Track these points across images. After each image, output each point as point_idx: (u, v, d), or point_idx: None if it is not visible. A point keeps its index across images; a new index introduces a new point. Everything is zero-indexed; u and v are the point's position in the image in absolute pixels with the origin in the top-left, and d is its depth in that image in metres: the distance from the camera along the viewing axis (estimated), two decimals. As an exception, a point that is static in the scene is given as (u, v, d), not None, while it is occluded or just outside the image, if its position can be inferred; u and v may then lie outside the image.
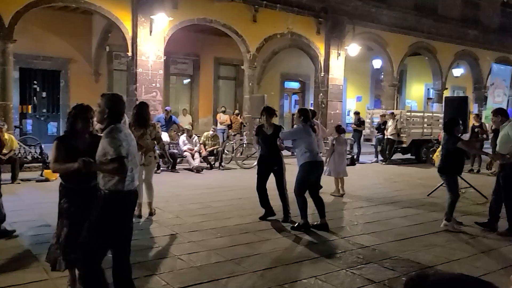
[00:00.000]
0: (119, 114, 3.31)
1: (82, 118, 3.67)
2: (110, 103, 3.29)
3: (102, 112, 3.27)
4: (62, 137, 3.80)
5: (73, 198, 3.65)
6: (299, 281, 4.16)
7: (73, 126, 3.69)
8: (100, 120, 3.33)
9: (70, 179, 3.64)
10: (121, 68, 15.31)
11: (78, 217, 3.54)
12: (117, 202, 3.17)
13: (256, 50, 14.42)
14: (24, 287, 3.84)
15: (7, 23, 10.52)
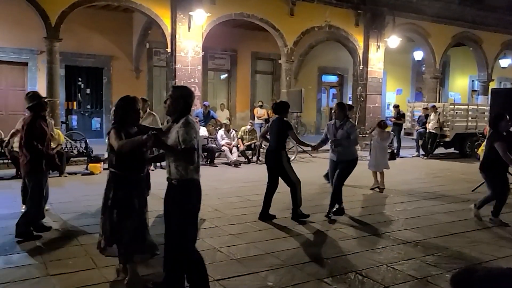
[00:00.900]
0: (190, 106, 3.45)
1: (133, 109, 3.71)
2: (184, 95, 3.42)
3: (176, 103, 3.38)
4: (118, 126, 3.68)
5: (128, 188, 3.65)
6: (339, 276, 4.13)
7: (123, 117, 3.69)
8: (172, 111, 3.42)
9: (128, 168, 3.64)
10: (161, 64, 15.64)
11: (136, 206, 3.63)
12: (194, 189, 3.34)
13: (293, 44, 14.33)
14: (73, 275, 4.00)
15: (54, 23, 10.96)
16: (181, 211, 3.32)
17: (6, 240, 4.94)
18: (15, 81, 14.08)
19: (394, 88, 21.13)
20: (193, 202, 3.37)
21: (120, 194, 3.64)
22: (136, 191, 3.71)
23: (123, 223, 3.63)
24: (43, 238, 5.02)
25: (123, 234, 3.62)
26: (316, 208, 6.41)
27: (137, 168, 3.71)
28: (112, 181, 3.70)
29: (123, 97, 3.84)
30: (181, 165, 3.28)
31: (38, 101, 5.15)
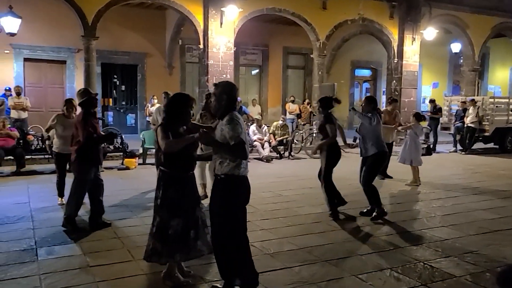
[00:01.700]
0: (235, 102, 3.47)
1: (186, 107, 3.65)
2: (228, 91, 3.44)
3: (220, 99, 3.40)
4: (166, 123, 3.63)
5: (178, 186, 3.60)
6: (374, 272, 4.06)
7: (175, 115, 3.63)
8: (217, 108, 3.44)
9: (178, 166, 3.60)
10: (193, 60, 15.81)
11: (185, 205, 3.60)
12: (240, 184, 3.37)
13: (325, 38, 14.15)
14: (111, 266, 4.12)
15: (90, 22, 11.24)
16: (227, 206, 3.35)
17: (48, 232, 5.13)
18: (54, 79, 14.56)
19: (430, 81, 20.57)
20: (239, 198, 3.39)
21: (170, 193, 3.59)
22: (186, 190, 3.65)
23: (170, 222, 3.58)
24: (82, 231, 5.18)
25: (169, 232, 3.57)
26: (349, 204, 6.33)
27: (186, 166, 3.66)
28: (161, 180, 3.63)
29: (177, 94, 3.81)
30: (227, 161, 3.31)
31: (88, 97, 5.31)
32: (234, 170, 3.32)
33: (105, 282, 3.75)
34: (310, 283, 3.79)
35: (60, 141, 6.37)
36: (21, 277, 3.82)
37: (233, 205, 3.36)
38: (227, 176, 3.32)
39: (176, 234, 3.58)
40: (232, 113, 3.35)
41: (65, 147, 6.35)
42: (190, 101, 3.71)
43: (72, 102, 6.54)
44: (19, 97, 11.49)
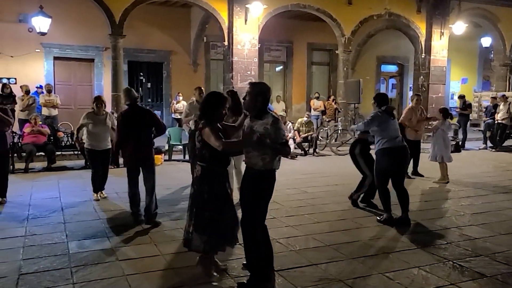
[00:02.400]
0: (268, 102, 3.63)
1: (222, 106, 3.71)
2: (263, 92, 3.57)
3: (255, 100, 3.53)
4: (211, 123, 3.66)
5: (221, 180, 3.73)
6: (401, 270, 4.01)
7: (212, 114, 3.67)
8: (252, 107, 3.57)
9: (221, 163, 3.71)
10: (218, 57, 15.89)
11: (230, 198, 3.78)
12: (273, 178, 3.59)
13: (351, 33, 14.01)
14: (139, 260, 4.19)
15: (118, 20, 11.45)
16: (261, 197, 3.56)
17: (78, 226, 5.26)
18: (83, 76, 14.90)
19: (459, 77, 20.08)
20: (271, 190, 3.63)
21: (217, 188, 3.69)
22: (227, 184, 3.80)
23: (220, 216, 3.67)
24: (110, 226, 5.30)
25: (218, 226, 3.66)
26: (377, 201, 6.26)
27: (226, 161, 3.80)
28: (206, 176, 3.70)
29: (213, 93, 3.86)
30: (268, 157, 3.50)
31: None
32: (274, 165, 3.56)
33: (134, 276, 3.82)
34: (337, 281, 3.78)
35: (92, 138, 6.50)
36: (54, 269, 3.94)
37: (268, 196, 3.61)
38: (267, 170, 3.54)
39: (225, 226, 3.70)
40: (273, 114, 3.56)
41: (96, 144, 6.49)
42: (224, 100, 3.76)
43: (101, 98, 6.68)
44: (49, 95, 11.81)
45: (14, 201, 6.37)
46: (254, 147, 3.52)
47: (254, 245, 3.61)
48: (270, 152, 3.50)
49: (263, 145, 3.45)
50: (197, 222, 3.70)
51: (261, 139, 3.43)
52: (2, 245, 4.54)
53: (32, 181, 7.97)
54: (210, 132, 3.56)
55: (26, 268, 3.96)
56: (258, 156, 3.51)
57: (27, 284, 3.62)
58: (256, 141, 3.44)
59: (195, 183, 3.78)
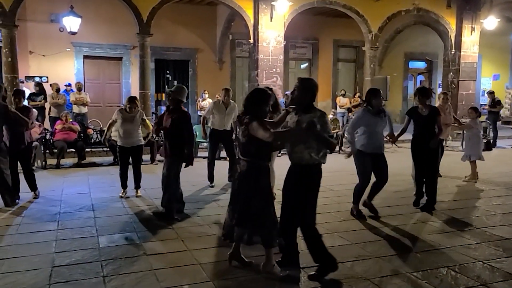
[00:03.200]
0: (315, 97, 3.75)
1: (267, 103, 3.76)
2: (311, 87, 3.70)
3: (304, 94, 3.66)
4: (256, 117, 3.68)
5: (266, 175, 3.79)
6: (429, 270, 3.94)
7: (256, 110, 3.70)
8: (300, 102, 3.70)
9: (266, 157, 3.77)
10: (243, 55, 15.93)
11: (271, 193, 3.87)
12: (318, 173, 3.75)
13: (378, 29, 13.79)
14: (166, 255, 4.27)
15: (145, 19, 11.61)
16: (311, 191, 3.71)
17: (107, 221, 5.39)
18: (111, 75, 15.19)
19: (490, 73, 19.52)
20: (319, 184, 3.77)
21: (263, 182, 3.75)
22: (270, 178, 3.86)
23: (268, 210, 3.73)
24: (138, 221, 5.41)
25: (267, 220, 3.71)
26: (403, 199, 6.17)
27: (270, 156, 3.87)
28: (252, 170, 3.72)
29: (258, 90, 3.92)
30: (313, 150, 3.63)
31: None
32: (320, 158, 3.70)
33: (162, 270, 3.89)
34: (363, 279, 3.75)
35: (121, 135, 6.59)
36: (85, 263, 4.05)
37: (316, 190, 3.76)
38: (314, 165, 3.69)
39: (273, 220, 3.75)
40: (320, 109, 3.71)
41: (125, 141, 6.58)
42: (269, 97, 3.81)
43: (134, 100, 6.69)
44: (80, 93, 12.09)
45: (46, 196, 6.57)
46: (301, 138, 3.61)
47: (314, 238, 3.75)
48: (316, 145, 3.61)
49: (312, 132, 3.52)
50: (242, 216, 3.73)
51: (311, 126, 3.50)
52: (36, 238, 4.70)
53: (63, 177, 8.19)
54: (258, 125, 3.61)
55: (59, 261, 4.08)
56: (304, 149, 3.62)
57: (60, 276, 3.74)
58: (305, 128, 3.51)
59: (239, 178, 3.80)
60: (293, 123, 3.72)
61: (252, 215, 3.70)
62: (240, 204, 3.75)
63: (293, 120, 3.76)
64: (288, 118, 3.85)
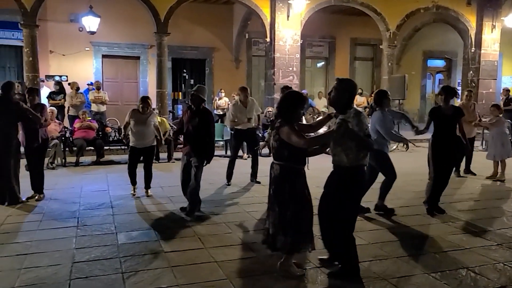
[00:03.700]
0: (354, 98, 3.73)
1: (301, 106, 3.72)
2: (350, 89, 3.66)
3: (341, 95, 3.62)
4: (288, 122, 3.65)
5: (301, 178, 3.74)
6: (448, 271, 3.89)
7: (290, 113, 3.65)
8: (337, 103, 3.65)
9: (299, 160, 3.71)
10: (259, 54, 15.94)
11: (308, 196, 3.76)
12: (361, 174, 3.68)
13: (396, 27, 13.67)
14: (184, 253, 4.30)
15: (163, 18, 11.73)
16: (350, 194, 3.65)
17: (125, 218, 5.46)
18: (129, 74, 15.38)
19: (511, 71, 19.13)
20: (360, 186, 3.72)
21: (298, 187, 3.69)
22: (305, 182, 3.78)
23: (302, 214, 3.69)
24: (156, 219, 5.46)
25: (301, 224, 3.68)
26: (421, 199, 6.10)
27: (304, 159, 3.78)
28: (286, 174, 3.69)
29: (292, 93, 3.86)
30: (351, 152, 3.56)
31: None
32: (360, 160, 3.62)
33: (179, 268, 3.92)
34: (380, 279, 3.72)
35: (133, 135, 6.54)
36: (104, 259, 4.11)
37: (357, 193, 3.75)
38: (354, 167, 3.61)
39: (307, 225, 3.73)
40: (357, 109, 3.66)
41: (137, 142, 6.54)
42: (303, 100, 3.76)
43: (147, 100, 6.68)
44: (98, 92, 12.27)
45: (66, 193, 6.69)
46: (336, 140, 3.55)
47: (347, 243, 3.69)
48: (354, 146, 3.53)
49: (343, 133, 3.46)
50: (279, 222, 3.69)
51: (340, 126, 3.44)
52: (56, 235, 4.79)
53: (82, 174, 8.32)
54: (290, 131, 3.55)
55: (79, 256, 4.15)
56: (341, 151, 3.58)
57: (80, 272, 3.80)
58: (335, 129, 3.46)
59: (274, 183, 3.75)
60: (333, 125, 3.71)
61: (288, 221, 3.65)
62: (278, 209, 3.70)
63: (334, 123, 3.71)
64: (331, 122, 3.81)
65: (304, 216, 3.70)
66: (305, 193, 3.75)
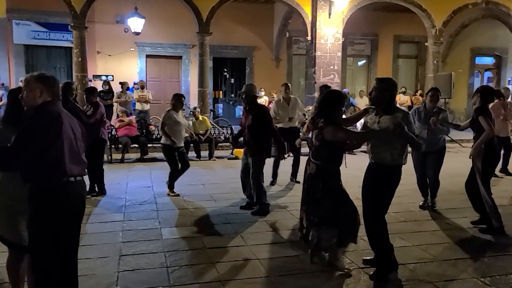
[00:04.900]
0: (395, 97, 3.74)
1: (342, 105, 3.76)
2: (392, 89, 3.66)
3: (382, 95, 3.61)
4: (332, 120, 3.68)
5: (336, 177, 3.79)
6: (498, 276, 3.74)
7: (331, 112, 3.68)
8: (379, 102, 3.66)
9: (336, 161, 3.76)
10: (300, 52, 15.87)
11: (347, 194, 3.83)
12: (397, 174, 3.66)
13: (442, 24, 13.24)
14: (226, 249, 4.36)
15: (205, 18, 11.90)
16: (387, 192, 3.66)
17: (169, 214, 5.60)
18: (171, 73, 15.71)
19: None
20: (396, 185, 3.70)
21: (332, 184, 3.76)
22: (340, 180, 3.82)
23: (336, 211, 3.73)
24: (198, 215, 5.57)
25: (341, 219, 3.73)
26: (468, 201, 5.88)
27: (341, 160, 3.81)
28: (321, 173, 3.74)
29: (332, 92, 3.89)
30: (396, 152, 3.58)
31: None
32: (402, 160, 3.64)
33: (222, 264, 3.98)
34: (426, 282, 3.63)
35: (173, 136, 6.52)
36: (149, 253, 4.24)
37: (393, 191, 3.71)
38: (395, 166, 3.62)
39: (347, 221, 3.76)
40: (402, 109, 3.74)
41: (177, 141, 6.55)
42: (342, 99, 3.79)
43: (181, 98, 6.74)
44: (142, 91, 12.62)
45: (113, 189, 6.92)
46: (386, 139, 3.55)
47: (381, 238, 3.73)
48: (400, 146, 3.56)
49: (401, 134, 3.46)
50: (316, 219, 3.75)
51: (399, 128, 3.44)
52: (105, 228, 4.98)
53: (127, 171, 8.60)
54: (337, 129, 3.61)
55: (125, 250, 4.30)
56: (386, 151, 3.58)
57: (127, 265, 3.94)
58: (394, 130, 3.45)
59: (309, 181, 3.82)
60: (374, 124, 3.69)
61: (322, 218, 3.70)
62: (313, 207, 3.76)
63: (373, 120, 3.71)
64: (368, 118, 3.81)
65: (338, 214, 3.72)
66: (341, 189, 3.79)
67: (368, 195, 3.74)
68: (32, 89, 2.64)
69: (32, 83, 2.65)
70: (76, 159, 2.72)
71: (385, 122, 3.57)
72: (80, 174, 2.75)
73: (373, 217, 3.70)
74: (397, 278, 3.70)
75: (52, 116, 2.61)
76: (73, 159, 2.68)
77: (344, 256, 4.04)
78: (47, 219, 2.60)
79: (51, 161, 2.58)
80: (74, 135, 2.74)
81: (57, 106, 2.71)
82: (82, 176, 2.79)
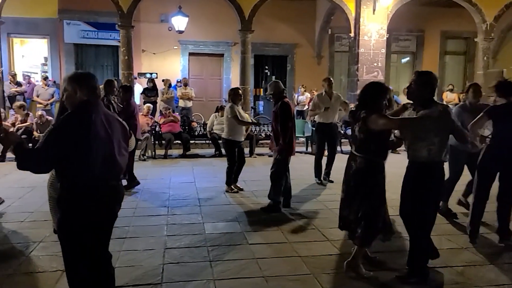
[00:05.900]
0: (435, 91, 3.61)
1: (383, 98, 3.65)
2: (429, 80, 3.56)
3: (422, 89, 3.52)
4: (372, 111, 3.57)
5: (382, 172, 3.72)
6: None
7: (372, 105, 3.61)
8: (417, 96, 3.56)
9: (383, 154, 3.69)
10: (342, 49, 15.63)
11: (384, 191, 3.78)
12: (437, 171, 3.51)
13: (494, 19, 12.63)
14: (268, 246, 4.38)
15: (247, 16, 11.94)
16: (427, 191, 3.50)
17: (211, 209, 5.68)
18: (213, 71, 15.89)
19: None
20: (439, 183, 3.55)
21: (379, 179, 3.69)
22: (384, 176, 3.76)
23: (380, 208, 3.70)
24: (240, 211, 5.61)
25: (378, 218, 3.69)
26: None
27: (387, 154, 3.75)
28: (369, 168, 3.66)
29: (373, 84, 3.81)
30: (434, 148, 3.43)
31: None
32: (441, 156, 3.48)
33: (264, 260, 4.00)
34: (475, 286, 3.50)
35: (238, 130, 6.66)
36: (193, 247, 4.32)
37: (436, 190, 3.56)
38: (433, 163, 3.48)
39: (383, 219, 3.74)
40: (442, 104, 3.62)
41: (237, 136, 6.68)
42: (384, 91, 3.70)
43: (239, 92, 6.84)
44: (185, 88, 12.86)
45: (156, 184, 7.11)
46: (420, 136, 3.45)
47: (421, 241, 3.60)
48: (438, 141, 3.42)
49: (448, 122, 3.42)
50: (361, 215, 3.67)
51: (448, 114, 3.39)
52: (150, 222, 5.12)
53: (171, 166, 8.79)
54: (380, 117, 3.50)
55: (170, 243, 4.41)
56: (424, 147, 3.44)
57: (172, 258, 4.03)
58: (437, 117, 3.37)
59: (355, 175, 3.70)
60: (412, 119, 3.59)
61: (368, 213, 3.63)
62: (360, 202, 3.67)
63: (412, 116, 3.60)
64: (406, 114, 3.71)
65: (380, 212, 3.68)
66: (384, 188, 3.73)
67: (409, 196, 3.59)
68: (68, 89, 2.64)
69: (67, 83, 2.65)
70: (109, 163, 2.61)
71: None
72: (112, 178, 2.67)
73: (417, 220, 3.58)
74: (445, 282, 3.58)
75: (82, 116, 2.53)
76: (105, 162, 2.57)
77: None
78: (72, 221, 2.58)
79: (79, 162, 2.49)
80: (110, 136, 2.62)
81: (93, 106, 2.61)
82: (115, 180, 2.70)
